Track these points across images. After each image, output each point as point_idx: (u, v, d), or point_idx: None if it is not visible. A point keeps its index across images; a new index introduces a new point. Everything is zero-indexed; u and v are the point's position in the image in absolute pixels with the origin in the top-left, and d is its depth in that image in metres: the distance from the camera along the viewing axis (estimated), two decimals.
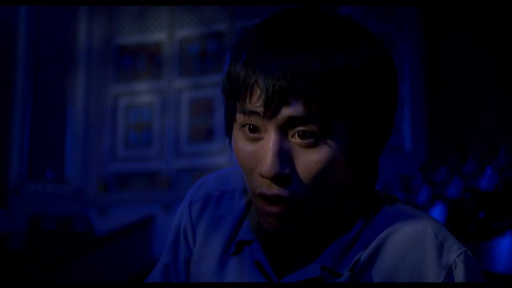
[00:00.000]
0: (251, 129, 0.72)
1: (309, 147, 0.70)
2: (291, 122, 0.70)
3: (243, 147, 0.73)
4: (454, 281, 0.71)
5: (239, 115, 0.73)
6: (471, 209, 3.99)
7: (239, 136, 0.74)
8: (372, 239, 0.75)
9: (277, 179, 0.70)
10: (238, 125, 0.74)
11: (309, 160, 0.70)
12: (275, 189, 0.71)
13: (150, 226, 7.62)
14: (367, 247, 0.74)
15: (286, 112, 0.69)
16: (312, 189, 0.71)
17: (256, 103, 0.70)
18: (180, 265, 0.89)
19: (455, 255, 0.71)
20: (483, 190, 4.49)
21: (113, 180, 8.32)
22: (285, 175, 0.70)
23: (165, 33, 8.43)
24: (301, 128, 0.70)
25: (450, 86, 7.38)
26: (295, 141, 0.70)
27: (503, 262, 2.61)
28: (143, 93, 8.42)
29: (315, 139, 0.70)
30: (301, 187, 0.71)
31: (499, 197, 3.95)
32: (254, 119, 0.71)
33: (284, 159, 0.70)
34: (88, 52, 8.52)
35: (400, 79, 0.79)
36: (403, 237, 0.73)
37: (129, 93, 8.45)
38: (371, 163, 0.77)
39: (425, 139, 7.40)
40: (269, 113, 0.70)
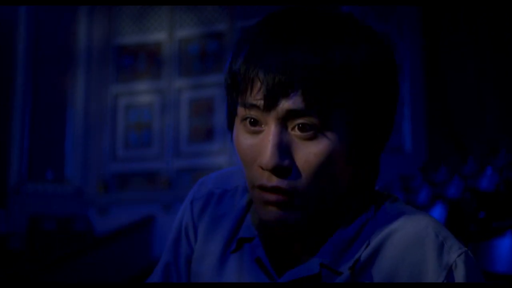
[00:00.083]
0: (252, 122, 0.73)
1: (309, 139, 0.71)
2: (291, 114, 0.70)
3: (243, 140, 0.74)
4: (454, 281, 0.71)
5: (240, 109, 0.74)
6: (471, 209, 3.99)
7: (240, 129, 0.75)
8: (372, 237, 0.75)
9: (277, 171, 0.71)
10: (239, 119, 0.75)
11: (309, 152, 0.71)
12: (274, 181, 0.71)
13: (150, 226, 7.62)
14: (367, 246, 0.74)
15: (285, 105, 0.70)
16: (311, 182, 0.71)
17: (256, 96, 0.71)
18: (181, 263, 0.90)
19: (455, 255, 0.72)
20: (483, 190, 4.49)
21: (113, 180, 8.31)
22: (285, 167, 0.71)
23: (165, 33, 8.43)
24: (300, 120, 0.70)
25: (450, 86, 7.38)
26: (295, 133, 0.71)
27: (503, 262, 2.61)
28: (143, 93, 8.41)
29: (315, 132, 0.71)
30: (301, 179, 0.71)
31: (499, 197, 3.95)
32: (254, 112, 0.72)
33: (283, 151, 0.71)
34: (88, 52, 8.52)
35: (400, 78, 0.79)
36: (403, 236, 0.73)
37: (129, 93, 8.45)
38: (372, 161, 0.77)
39: (425, 139, 7.40)
40: (269, 106, 0.71)
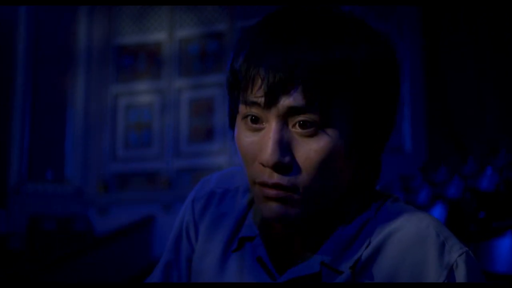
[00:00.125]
0: (253, 119, 0.73)
1: (310, 136, 0.71)
2: (291, 111, 0.71)
3: (245, 137, 0.75)
4: (455, 281, 0.71)
5: (241, 106, 0.75)
6: (471, 209, 3.99)
7: (241, 127, 0.76)
8: (373, 236, 0.75)
9: (277, 168, 0.71)
10: (240, 117, 0.76)
11: (309, 149, 0.71)
12: (275, 177, 0.72)
13: (150, 226, 7.62)
14: (368, 245, 0.74)
15: (286, 102, 0.70)
16: (312, 178, 0.72)
17: (257, 94, 0.72)
18: (181, 262, 0.90)
19: (456, 255, 0.72)
20: (483, 190, 4.49)
21: (113, 180, 8.31)
22: (285, 164, 0.71)
23: (165, 33, 8.42)
24: (301, 117, 0.71)
25: (450, 86, 7.38)
26: (296, 130, 0.72)
27: (503, 262, 2.61)
28: (143, 93, 8.41)
29: (316, 129, 0.71)
30: (301, 176, 0.71)
31: (499, 197, 3.95)
32: (255, 110, 0.73)
33: (284, 148, 0.71)
34: (88, 52, 8.52)
35: (401, 78, 0.79)
36: (404, 236, 0.73)
37: (129, 93, 8.45)
38: (372, 159, 0.78)
39: (425, 139, 7.40)
40: (270, 103, 0.71)
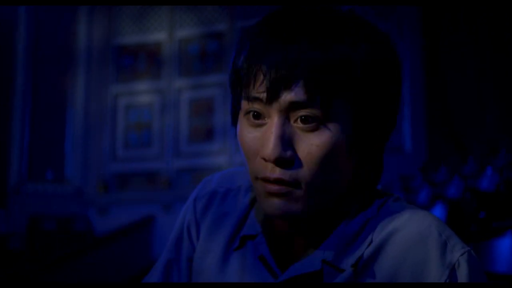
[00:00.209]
0: (255, 115, 0.74)
1: (311, 131, 0.72)
2: (293, 106, 0.71)
3: (247, 133, 0.75)
4: (457, 280, 0.71)
5: (244, 102, 0.75)
6: (471, 209, 3.99)
7: (243, 123, 0.76)
8: (375, 235, 0.75)
9: (279, 162, 0.72)
10: (242, 113, 0.76)
11: (311, 144, 0.72)
12: (277, 172, 0.72)
13: (150, 226, 7.62)
14: (370, 244, 0.75)
15: (287, 97, 0.71)
16: (314, 173, 0.72)
17: (259, 89, 0.72)
18: (182, 260, 0.90)
19: (458, 254, 0.72)
20: (483, 190, 4.49)
21: (113, 180, 8.31)
22: (287, 159, 0.71)
23: (165, 33, 8.42)
24: (303, 112, 0.71)
25: (450, 86, 7.37)
26: (297, 125, 0.72)
27: (503, 262, 2.61)
28: (143, 93, 8.41)
29: (317, 124, 0.71)
30: (303, 171, 0.72)
31: (500, 197, 3.95)
32: (257, 105, 0.73)
33: (286, 142, 0.72)
34: (88, 52, 8.52)
35: (402, 75, 0.80)
36: (406, 235, 0.74)
37: (129, 93, 8.45)
38: (374, 157, 0.78)
39: (425, 139, 7.40)
40: (272, 98, 0.72)
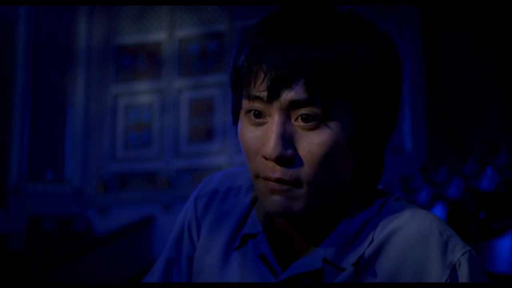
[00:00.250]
0: (256, 114, 0.74)
1: (312, 130, 0.72)
2: (294, 105, 0.71)
3: (248, 132, 0.75)
4: (458, 280, 0.71)
5: (244, 101, 0.75)
6: (472, 210, 3.99)
7: (244, 122, 0.76)
8: (376, 234, 0.75)
9: (280, 161, 0.72)
10: (243, 112, 0.76)
11: (312, 142, 0.71)
12: (278, 172, 0.72)
13: (150, 226, 7.62)
14: (371, 243, 0.75)
15: (288, 95, 0.71)
16: (314, 172, 0.72)
17: (259, 88, 0.72)
18: (182, 259, 0.90)
19: (459, 254, 0.72)
20: (483, 190, 4.49)
21: (113, 180, 8.31)
22: (288, 157, 0.71)
23: (165, 33, 8.42)
24: (303, 111, 0.71)
25: (450, 86, 7.37)
26: (298, 124, 0.72)
27: (503, 262, 2.61)
28: (143, 93, 8.41)
29: (318, 122, 0.71)
30: (304, 169, 0.72)
31: (500, 198, 3.95)
32: (258, 104, 0.73)
33: (287, 141, 0.72)
34: (88, 52, 8.52)
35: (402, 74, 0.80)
36: (407, 235, 0.74)
37: (129, 93, 8.45)
38: (375, 156, 0.78)
39: (425, 139, 7.39)
40: (272, 97, 0.72)
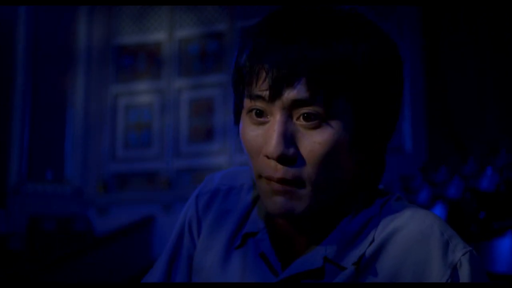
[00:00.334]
0: (258, 113, 0.74)
1: (314, 128, 0.72)
2: (295, 104, 0.71)
3: (249, 131, 0.75)
4: (459, 280, 0.71)
5: (246, 101, 0.75)
6: (472, 210, 3.99)
7: (246, 121, 0.76)
8: (377, 234, 0.75)
9: (282, 160, 0.72)
10: (245, 111, 0.76)
11: (313, 141, 0.72)
12: (280, 171, 0.72)
13: (150, 226, 7.61)
14: (372, 242, 0.75)
15: (290, 95, 0.71)
16: (316, 171, 0.72)
17: (261, 87, 0.72)
18: (182, 258, 0.90)
19: (460, 254, 0.72)
20: (483, 190, 4.49)
21: (113, 180, 8.31)
22: (290, 156, 0.71)
23: (165, 33, 8.42)
24: (305, 110, 0.71)
25: (450, 86, 7.37)
26: (300, 123, 0.72)
27: (504, 262, 2.61)
28: (142, 93, 8.41)
29: (319, 121, 0.71)
30: (306, 169, 0.72)
31: (500, 198, 3.95)
32: (260, 103, 0.73)
33: (288, 140, 0.72)
34: (88, 52, 8.52)
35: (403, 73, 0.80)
36: (408, 234, 0.74)
37: (129, 93, 8.45)
38: (376, 155, 0.78)
39: (425, 139, 7.39)
40: (274, 96, 0.72)
